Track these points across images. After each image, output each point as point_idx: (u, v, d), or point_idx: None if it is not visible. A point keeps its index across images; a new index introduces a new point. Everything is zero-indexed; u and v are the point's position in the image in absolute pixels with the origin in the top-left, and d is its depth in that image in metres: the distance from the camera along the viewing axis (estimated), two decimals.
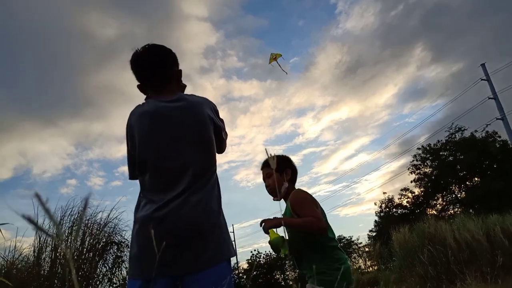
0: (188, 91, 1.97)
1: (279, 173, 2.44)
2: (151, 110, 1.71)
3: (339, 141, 60.70)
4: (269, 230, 2.17)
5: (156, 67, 1.79)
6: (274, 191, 2.42)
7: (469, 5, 46.82)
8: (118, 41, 49.40)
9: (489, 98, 23.91)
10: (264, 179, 2.52)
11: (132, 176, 1.75)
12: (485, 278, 3.77)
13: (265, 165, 2.50)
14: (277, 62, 2.72)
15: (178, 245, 1.53)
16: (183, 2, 56.58)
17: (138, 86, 1.86)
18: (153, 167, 1.65)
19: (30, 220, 0.45)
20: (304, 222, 2.16)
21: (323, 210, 2.33)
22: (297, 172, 2.51)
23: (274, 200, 2.44)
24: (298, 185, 2.49)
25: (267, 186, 2.49)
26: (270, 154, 1.44)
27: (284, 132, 64.24)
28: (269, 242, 2.17)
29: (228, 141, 2.02)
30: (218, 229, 1.64)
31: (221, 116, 1.93)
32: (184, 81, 1.95)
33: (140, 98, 1.87)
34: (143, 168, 1.67)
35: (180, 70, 1.89)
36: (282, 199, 2.43)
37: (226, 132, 1.94)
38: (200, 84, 62.38)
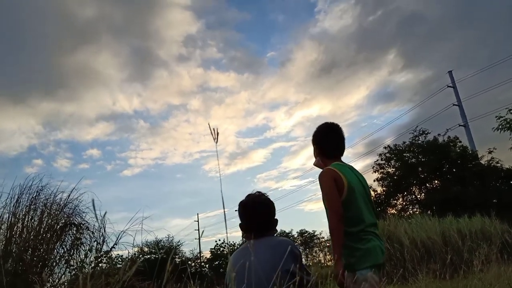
0: (164, 77, 2.04)
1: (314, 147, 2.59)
2: None
3: (309, 138, 60.86)
4: None
5: (262, 219, 2.20)
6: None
7: (443, 17, 48.36)
8: (97, 23, 47.80)
9: (453, 105, 24.77)
10: None
11: None
12: (435, 275, 3.94)
13: None
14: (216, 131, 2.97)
15: None
16: None
17: (241, 226, 2.27)
18: None
19: None
20: (335, 237, 2.13)
21: (350, 184, 2.25)
22: (329, 145, 2.51)
23: None
24: (268, 177, 2.47)
25: None
26: (213, 129, 1.43)
27: (256, 125, 64.47)
28: None
29: (200, 131, 2.20)
30: None
31: (195, 105, 2.10)
32: (160, 67, 2.01)
33: (115, 81, 1.86)
34: None
35: (277, 220, 2.27)
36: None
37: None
38: (177, 72, 61.51)
